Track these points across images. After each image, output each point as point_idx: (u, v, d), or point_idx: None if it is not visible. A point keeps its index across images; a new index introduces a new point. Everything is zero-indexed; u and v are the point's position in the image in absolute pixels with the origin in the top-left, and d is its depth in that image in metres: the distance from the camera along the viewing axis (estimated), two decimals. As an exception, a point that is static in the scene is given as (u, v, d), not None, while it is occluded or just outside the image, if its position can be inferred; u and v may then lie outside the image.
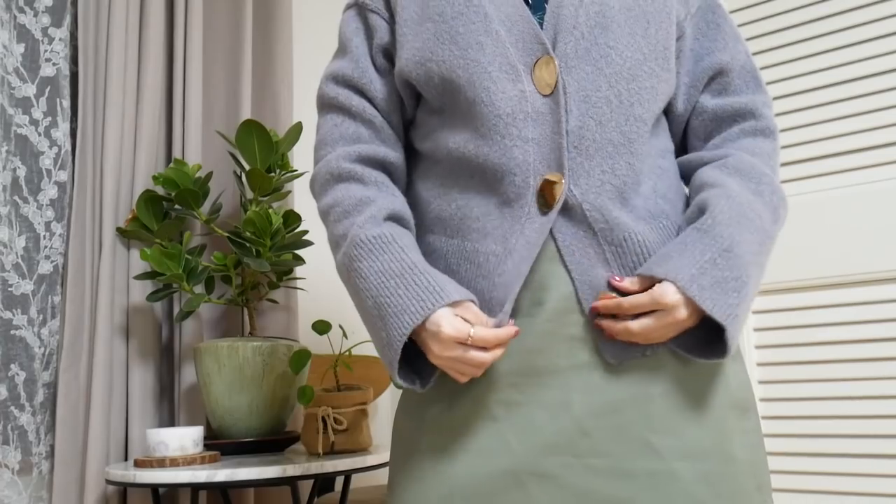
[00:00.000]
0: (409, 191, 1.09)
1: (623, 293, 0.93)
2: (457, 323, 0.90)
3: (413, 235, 1.01)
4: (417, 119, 1.08)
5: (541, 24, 0.98)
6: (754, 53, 1.91)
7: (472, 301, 0.93)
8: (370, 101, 1.07)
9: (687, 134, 1.08)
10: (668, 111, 1.07)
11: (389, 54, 1.07)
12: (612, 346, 0.93)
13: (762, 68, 1.90)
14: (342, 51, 1.10)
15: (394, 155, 1.07)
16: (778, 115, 1.87)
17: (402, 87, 1.06)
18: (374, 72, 1.07)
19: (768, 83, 1.89)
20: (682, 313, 0.89)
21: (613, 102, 0.96)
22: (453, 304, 0.91)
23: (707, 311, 0.88)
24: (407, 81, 1.04)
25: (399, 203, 1.02)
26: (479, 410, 0.95)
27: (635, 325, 0.91)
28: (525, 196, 0.94)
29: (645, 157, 0.98)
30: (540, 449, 0.92)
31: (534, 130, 0.95)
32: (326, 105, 1.09)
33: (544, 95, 0.95)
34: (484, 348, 0.90)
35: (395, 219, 1.00)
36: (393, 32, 1.05)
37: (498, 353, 0.91)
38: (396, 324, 0.91)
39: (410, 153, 1.10)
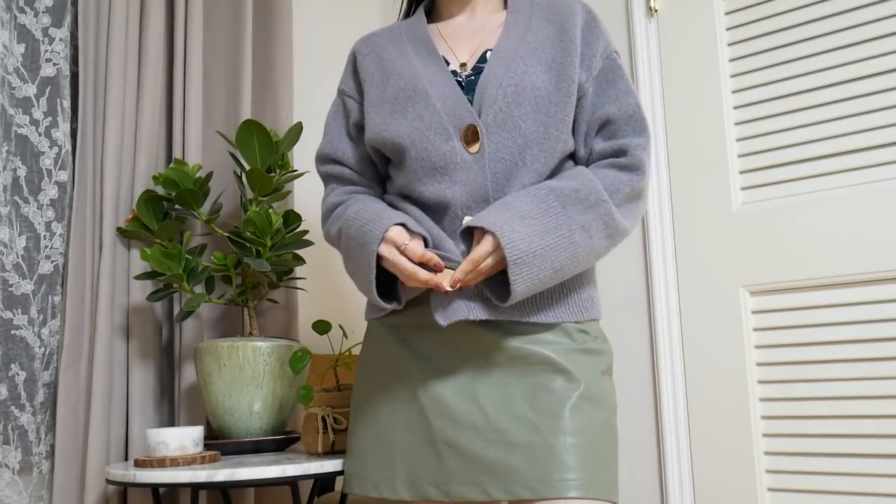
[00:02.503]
0: (401, 207, 1.39)
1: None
2: (401, 235, 1.25)
3: (383, 203, 1.38)
4: (390, 173, 1.42)
5: (471, 102, 1.30)
6: (753, 54, 1.91)
7: (424, 236, 1.28)
8: (347, 166, 1.45)
9: None
10: (573, 156, 1.37)
11: (361, 127, 1.43)
12: (443, 311, 1.25)
13: (762, 68, 1.90)
14: (324, 134, 1.49)
15: (373, 192, 1.45)
16: (777, 115, 1.87)
17: (372, 152, 1.42)
18: (348, 144, 1.45)
19: (768, 83, 1.89)
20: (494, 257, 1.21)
21: (518, 164, 1.28)
22: (409, 232, 1.27)
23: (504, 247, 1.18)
24: (373, 147, 1.39)
25: (374, 194, 1.44)
26: (411, 397, 1.31)
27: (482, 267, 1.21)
28: (455, 224, 1.28)
29: None
30: (451, 425, 1.25)
31: (462, 176, 1.27)
32: (322, 178, 1.51)
33: (471, 153, 1.27)
34: (414, 262, 1.23)
35: (363, 194, 1.43)
36: (362, 111, 1.42)
37: (421, 273, 1.21)
38: (370, 245, 1.26)
39: (390, 184, 1.43)
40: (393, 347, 1.36)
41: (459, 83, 1.33)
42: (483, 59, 1.35)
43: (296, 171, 1.84)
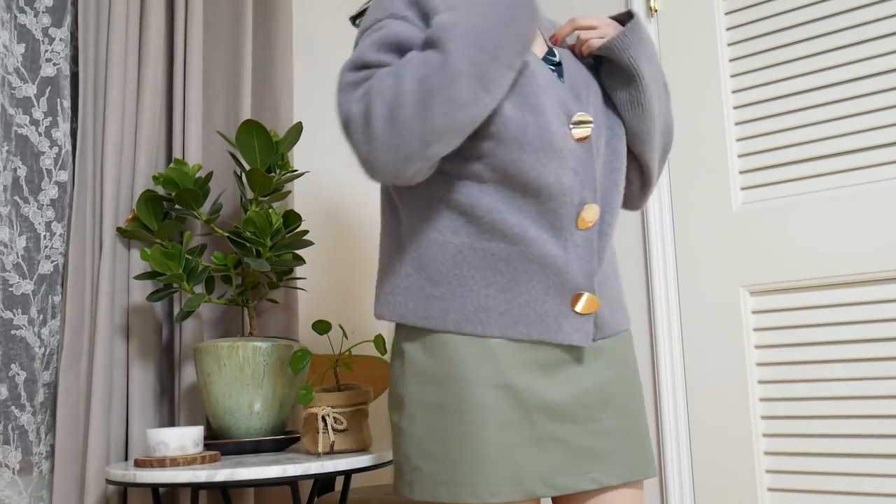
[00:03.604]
0: (464, 194, 1.21)
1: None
2: None
3: None
4: (477, 147, 1.18)
5: None
6: (753, 54, 1.91)
7: None
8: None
9: None
10: None
11: None
12: (600, 329, 1.27)
13: (762, 69, 1.90)
14: (392, 17, 1.16)
15: None
16: (777, 115, 1.87)
17: None
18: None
19: (768, 83, 1.89)
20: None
21: (612, 155, 1.28)
22: None
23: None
24: None
25: None
26: (509, 395, 1.20)
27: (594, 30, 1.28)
28: (568, 216, 1.20)
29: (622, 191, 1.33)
30: (553, 420, 1.21)
31: (574, 163, 1.21)
32: (364, 72, 1.12)
33: (577, 140, 1.21)
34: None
35: None
36: None
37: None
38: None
39: (463, 164, 1.21)
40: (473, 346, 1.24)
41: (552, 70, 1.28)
42: (551, 51, 1.31)
43: (296, 171, 1.84)
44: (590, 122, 1.22)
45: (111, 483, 1.48)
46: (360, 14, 1.35)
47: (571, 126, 1.21)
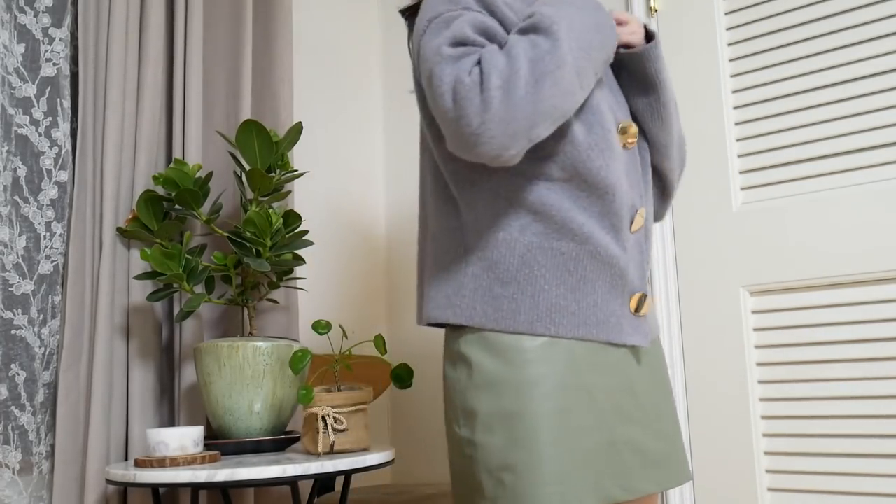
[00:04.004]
0: (532, 192, 1.20)
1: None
2: None
3: None
4: (547, 147, 1.19)
5: None
6: (753, 54, 1.91)
7: None
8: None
9: None
10: None
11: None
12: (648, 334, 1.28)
13: (762, 69, 1.90)
14: (467, 9, 1.14)
15: None
16: (778, 115, 1.87)
17: None
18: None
19: (769, 83, 1.89)
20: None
21: (644, 163, 1.31)
22: None
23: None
24: None
25: None
26: (587, 397, 1.18)
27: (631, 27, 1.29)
28: (626, 218, 1.23)
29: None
30: (626, 423, 1.21)
31: (625, 167, 1.24)
32: (461, 49, 1.09)
33: (624, 148, 1.24)
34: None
35: None
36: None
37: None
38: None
39: (534, 161, 1.19)
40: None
41: None
42: None
43: (296, 171, 1.84)
44: (633, 128, 1.24)
45: (111, 483, 1.48)
46: (412, 6, 1.32)
47: (619, 132, 1.24)
